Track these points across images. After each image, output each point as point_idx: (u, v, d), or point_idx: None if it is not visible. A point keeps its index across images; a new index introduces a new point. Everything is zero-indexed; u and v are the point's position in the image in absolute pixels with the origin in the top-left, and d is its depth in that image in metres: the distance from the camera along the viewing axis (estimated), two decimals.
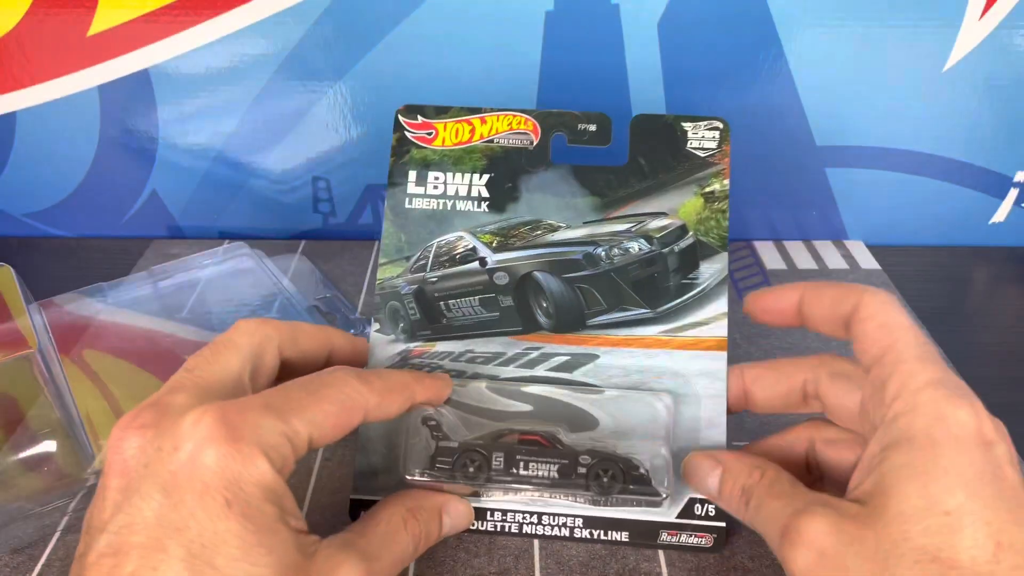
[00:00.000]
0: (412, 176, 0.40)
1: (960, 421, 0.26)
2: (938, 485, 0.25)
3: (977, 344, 0.51)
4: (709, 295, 0.38)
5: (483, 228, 0.39)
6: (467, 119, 0.40)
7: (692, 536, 0.36)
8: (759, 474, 0.31)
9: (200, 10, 0.52)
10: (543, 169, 0.39)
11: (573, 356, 0.37)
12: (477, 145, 0.39)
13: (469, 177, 0.39)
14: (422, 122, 0.40)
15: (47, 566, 0.35)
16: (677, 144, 0.39)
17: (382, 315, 0.39)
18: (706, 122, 0.39)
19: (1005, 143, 0.57)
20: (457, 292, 0.39)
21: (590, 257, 0.38)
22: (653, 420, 0.36)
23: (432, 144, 0.40)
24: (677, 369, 0.37)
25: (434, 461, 0.36)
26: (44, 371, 0.39)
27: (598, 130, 0.39)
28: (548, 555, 0.36)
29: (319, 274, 0.54)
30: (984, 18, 0.52)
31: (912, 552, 0.24)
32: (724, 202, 0.38)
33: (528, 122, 0.39)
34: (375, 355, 0.38)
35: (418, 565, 0.35)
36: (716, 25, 0.52)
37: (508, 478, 0.35)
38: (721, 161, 0.39)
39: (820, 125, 0.56)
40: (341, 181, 0.59)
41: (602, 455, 0.35)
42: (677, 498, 0.35)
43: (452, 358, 0.38)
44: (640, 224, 0.39)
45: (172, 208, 0.60)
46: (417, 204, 0.40)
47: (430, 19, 0.52)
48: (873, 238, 0.61)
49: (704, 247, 0.38)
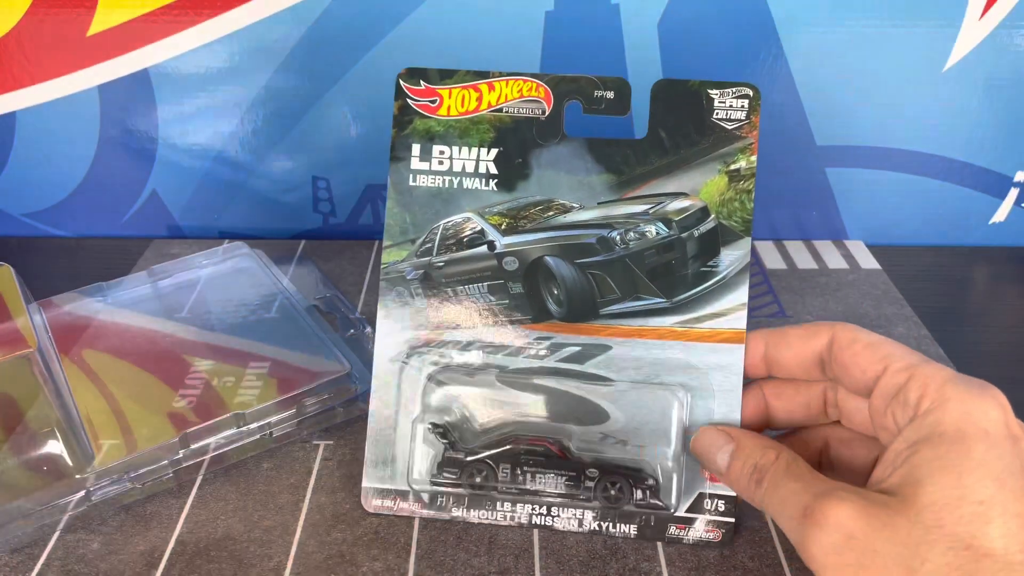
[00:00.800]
0: (416, 150, 0.37)
1: (989, 417, 0.27)
2: (972, 476, 0.25)
3: (977, 344, 0.51)
4: (728, 284, 0.36)
5: (491, 209, 0.37)
6: (474, 84, 0.37)
7: (701, 531, 0.36)
8: (774, 455, 0.31)
9: (200, 10, 0.52)
10: (556, 142, 0.37)
11: (584, 347, 0.36)
12: (484, 115, 0.37)
13: (476, 151, 0.37)
14: (425, 88, 0.37)
15: (47, 566, 0.35)
16: (702, 114, 0.36)
17: (388, 301, 0.38)
18: (734, 88, 0.36)
19: (1005, 143, 0.57)
20: (465, 278, 0.37)
21: (604, 241, 0.36)
22: (665, 416, 0.35)
23: (436, 113, 0.37)
24: (692, 362, 0.35)
25: (441, 469, 0.36)
26: (44, 371, 0.39)
27: (616, 98, 0.36)
28: (548, 555, 0.36)
29: (319, 274, 0.54)
30: (984, 18, 0.52)
31: (945, 539, 0.25)
32: (750, 181, 0.36)
33: (540, 88, 0.37)
34: (380, 344, 0.37)
35: (418, 565, 0.35)
36: (716, 25, 0.52)
37: (515, 489, 0.35)
38: (749, 134, 0.36)
39: (820, 125, 0.56)
40: (341, 181, 0.59)
41: (609, 466, 0.35)
42: (687, 493, 0.35)
43: (460, 347, 0.37)
44: (658, 206, 0.36)
45: (172, 208, 0.60)
46: (422, 181, 0.37)
47: (430, 19, 0.52)
48: (873, 238, 0.61)
49: (726, 231, 0.36)
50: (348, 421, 0.43)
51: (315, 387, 0.42)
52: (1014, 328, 0.53)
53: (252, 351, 0.45)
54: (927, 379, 0.28)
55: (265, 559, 0.35)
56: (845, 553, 0.26)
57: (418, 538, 0.36)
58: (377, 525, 0.37)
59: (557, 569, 0.35)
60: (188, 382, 0.43)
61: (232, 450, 0.40)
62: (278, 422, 0.41)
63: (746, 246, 0.36)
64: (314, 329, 0.47)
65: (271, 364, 0.44)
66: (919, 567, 0.25)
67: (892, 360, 0.30)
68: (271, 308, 0.49)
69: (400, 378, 0.37)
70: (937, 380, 0.28)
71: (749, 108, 0.36)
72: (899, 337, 0.50)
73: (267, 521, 0.37)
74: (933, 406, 0.28)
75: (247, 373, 0.44)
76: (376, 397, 0.37)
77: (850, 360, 0.31)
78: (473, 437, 0.37)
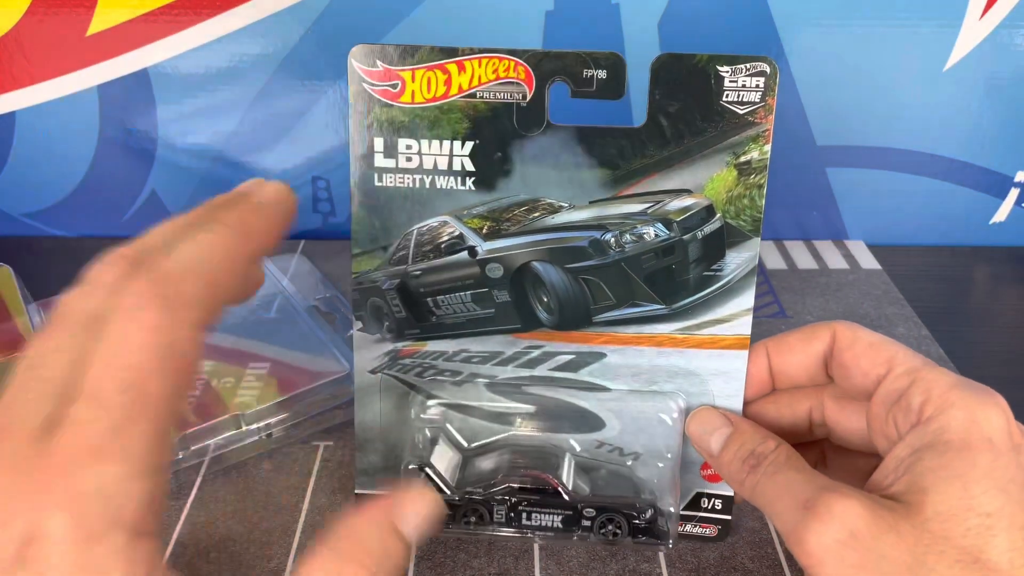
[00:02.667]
0: (379, 144, 0.33)
1: (994, 425, 0.26)
2: (978, 487, 0.25)
3: (977, 344, 0.51)
4: (733, 289, 0.33)
5: (470, 211, 0.33)
6: (441, 64, 0.31)
7: (697, 527, 0.35)
8: (775, 444, 0.30)
9: (200, 10, 0.52)
10: (539, 132, 0.32)
11: (578, 355, 0.34)
12: (456, 101, 0.32)
13: (449, 145, 0.32)
14: (384, 69, 0.31)
15: None
16: (710, 96, 0.31)
17: (364, 313, 0.35)
18: (748, 64, 0.31)
19: (1005, 143, 0.57)
20: (445, 287, 0.35)
21: (597, 244, 0.33)
22: (662, 424, 0.34)
23: (399, 101, 0.32)
24: (691, 368, 0.34)
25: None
26: None
27: (609, 77, 0.31)
28: (548, 555, 0.36)
29: (319, 274, 0.54)
30: (985, 18, 0.52)
31: (953, 551, 0.24)
32: (762, 175, 0.32)
33: (519, 67, 0.31)
34: (360, 356, 0.35)
35: (418, 565, 0.35)
36: (716, 25, 0.52)
37: (511, 529, 0.34)
38: (764, 119, 0.31)
39: (820, 125, 0.56)
40: (341, 181, 0.59)
41: (605, 506, 0.34)
42: (684, 492, 0.35)
43: (445, 358, 0.35)
44: (657, 204, 0.33)
45: (172, 208, 0.60)
46: (388, 181, 0.33)
47: (430, 19, 0.52)
48: (873, 238, 0.61)
49: (732, 232, 0.33)
50: (348, 422, 0.43)
51: (315, 388, 0.42)
52: (1014, 328, 0.52)
53: (252, 351, 0.45)
54: (931, 384, 0.28)
55: (265, 560, 0.35)
56: (847, 551, 0.25)
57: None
58: None
59: (557, 570, 0.35)
60: None
61: (232, 451, 0.40)
62: (278, 423, 0.41)
63: (754, 247, 0.33)
64: (314, 329, 0.47)
65: (271, 364, 0.44)
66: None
67: (895, 363, 0.30)
68: (271, 308, 0.49)
69: (381, 391, 0.36)
70: (941, 385, 0.28)
71: (765, 88, 0.31)
72: (899, 337, 0.50)
73: (267, 522, 0.37)
74: (936, 412, 0.27)
75: (247, 373, 0.44)
76: (359, 410, 0.36)
77: (852, 361, 0.31)
78: (463, 460, 0.36)
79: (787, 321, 0.51)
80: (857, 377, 0.31)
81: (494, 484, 0.34)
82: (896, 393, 0.29)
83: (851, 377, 0.31)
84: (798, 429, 0.34)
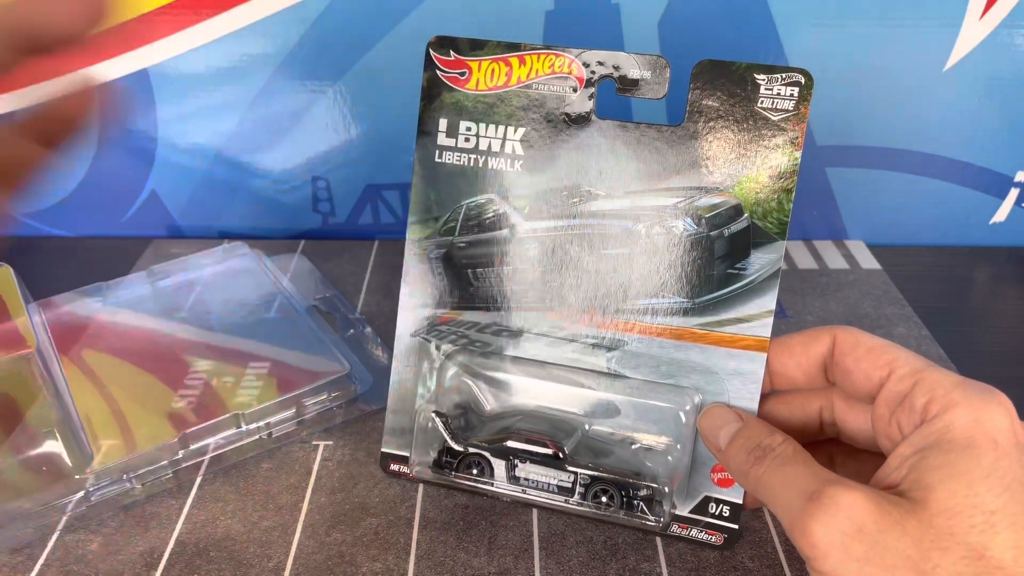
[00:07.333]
0: (443, 125, 0.36)
1: (997, 424, 0.27)
2: (983, 485, 0.25)
3: (978, 344, 0.51)
4: (756, 289, 0.34)
5: (516, 191, 0.36)
6: (504, 57, 0.35)
7: (703, 532, 0.35)
8: (781, 438, 0.30)
9: (199, 10, 0.52)
10: (586, 124, 0.35)
11: (601, 340, 0.36)
12: (513, 90, 0.35)
13: (504, 130, 0.36)
14: (455, 59, 0.36)
15: (46, 566, 0.35)
16: (746, 102, 0.33)
17: (412, 277, 0.38)
18: (784, 74, 0.33)
19: (1005, 143, 0.57)
20: (485, 260, 0.37)
21: (629, 234, 0.35)
22: (676, 417, 0.35)
23: (465, 87, 0.36)
24: (709, 365, 0.34)
25: (441, 456, 0.36)
26: (43, 371, 0.39)
27: (652, 78, 0.34)
28: (548, 555, 0.36)
29: (319, 274, 0.54)
30: (985, 18, 0.52)
31: (958, 548, 0.25)
32: (791, 180, 0.33)
33: (573, 64, 0.35)
34: (403, 317, 0.38)
35: (418, 566, 0.35)
36: (716, 25, 0.52)
37: (510, 485, 0.35)
38: (796, 128, 0.33)
39: (820, 125, 0.56)
40: (341, 181, 0.59)
41: (604, 478, 0.34)
42: (692, 494, 0.35)
43: (478, 328, 0.37)
44: (689, 200, 0.34)
45: (172, 208, 0.60)
46: (447, 158, 0.37)
47: (430, 19, 0.52)
48: (873, 238, 0.61)
49: (758, 232, 0.34)
50: (348, 421, 0.43)
51: (315, 387, 0.42)
52: (1014, 328, 0.52)
53: (252, 351, 0.45)
54: (933, 384, 0.28)
55: (265, 559, 0.35)
56: (852, 543, 0.25)
57: (418, 539, 0.36)
58: (377, 526, 0.37)
59: (557, 569, 0.35)
60: (188, 382, 0.43)
61: (232, 450, 0.40)
62: (278, 422, 0.41)
63: (780, 249, 0.34)
64: (314, 329, 0.47)
65: (271, 364, 0.44)
66: (930, 571, 0.25)
67: (896, 365, 0.30)
68: (271, 308, 0.49)
69: (419, 353, 0.38)
70: (944, 385, 0.28)
71: (799, 97, 0.33)
72: (899, 337, 0.50)
73: (267, 521, 0.37)
74: (940, 411, 0.27)
75: (247, 373, 0.44)
76: (396, 370, 0.38)
77: (853, 365, 0.31)
78: (479, 422, 0.37)
79: (787, 321, 0.51)
80: (859, 381, 0.31)
81: (499, 440, 0.36)
82: (899, 395, 0.29)
83: (853, 381, 0.31)
84: (809, 428, 0.34)
